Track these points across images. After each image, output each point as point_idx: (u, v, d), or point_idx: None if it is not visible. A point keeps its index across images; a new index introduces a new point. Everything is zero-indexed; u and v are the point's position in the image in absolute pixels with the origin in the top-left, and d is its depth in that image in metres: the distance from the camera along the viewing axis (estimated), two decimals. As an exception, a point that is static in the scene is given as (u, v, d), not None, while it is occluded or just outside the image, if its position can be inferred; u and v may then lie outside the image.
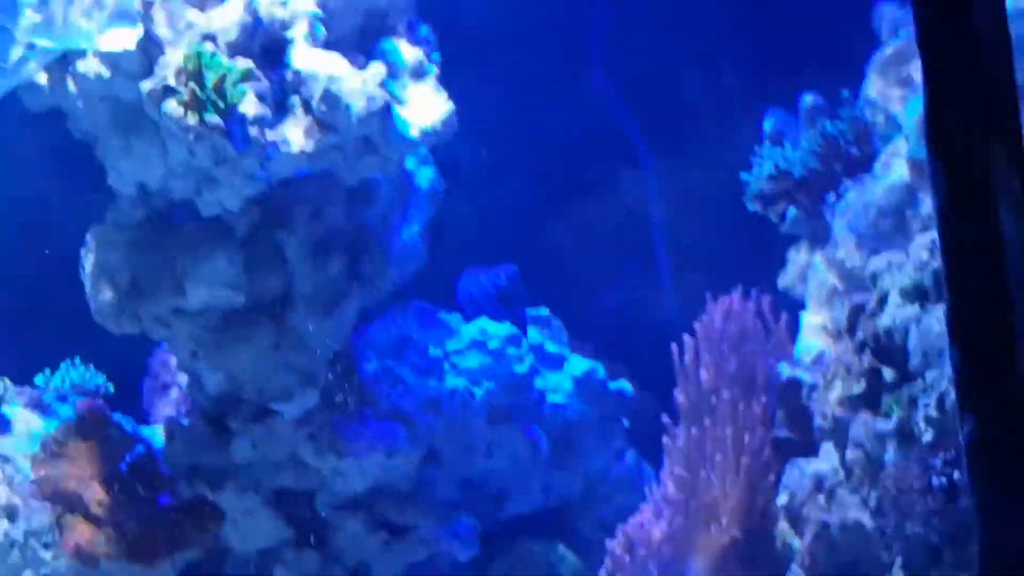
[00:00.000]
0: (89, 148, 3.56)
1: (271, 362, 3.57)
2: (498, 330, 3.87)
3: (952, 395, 2.88)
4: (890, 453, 3.04)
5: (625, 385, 3.95)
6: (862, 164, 3.39)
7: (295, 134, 3.27)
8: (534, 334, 3.91)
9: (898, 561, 2.98)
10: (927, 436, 2.97)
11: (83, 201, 3.81)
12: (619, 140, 4.20)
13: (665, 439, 3.61)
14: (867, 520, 3.07)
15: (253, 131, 3.26)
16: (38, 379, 4.06)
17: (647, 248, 4.14)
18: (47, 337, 4.08)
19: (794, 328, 3.48)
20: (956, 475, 2.87)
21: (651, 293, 4.03)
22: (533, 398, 3.84)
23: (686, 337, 3.51)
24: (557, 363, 3.91)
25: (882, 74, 3.37)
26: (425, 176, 3.74)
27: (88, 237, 3.59)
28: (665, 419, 3.61)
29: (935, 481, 2.88)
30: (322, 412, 3.65)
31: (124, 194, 3.52)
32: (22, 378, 4.06)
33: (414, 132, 3.43)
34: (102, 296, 3.53)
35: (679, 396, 3.51)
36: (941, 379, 2.99)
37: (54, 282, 3.80)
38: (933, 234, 3.12)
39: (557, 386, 3.88)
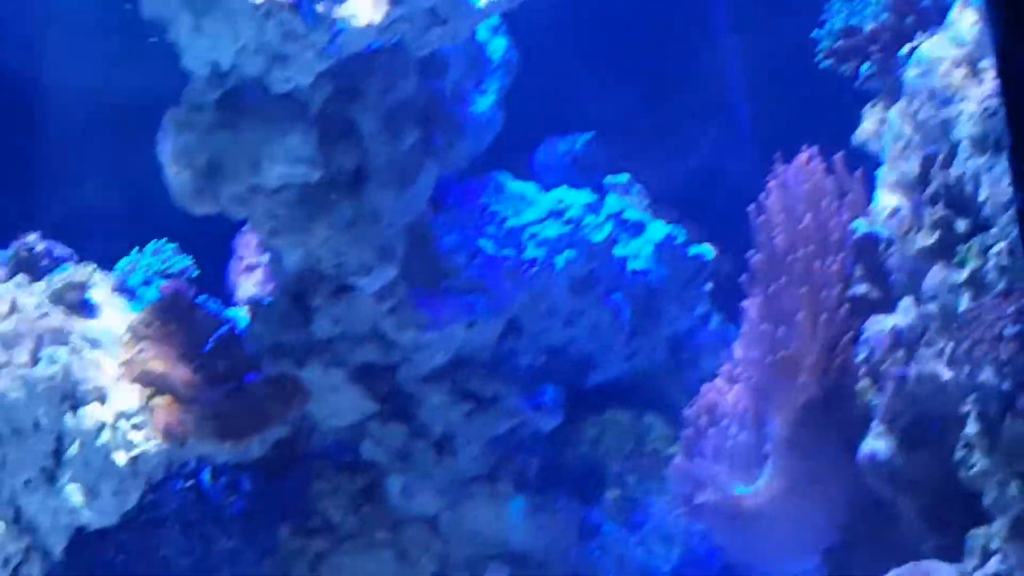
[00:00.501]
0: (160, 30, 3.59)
1: (348, 237, 3.70)
2: (576, 198, 3.97)
3: None
4: (964, 303, 3.03)
5: (706, 249, 4.04)
6: (935, 16, 3.34)
7: (363, 7, 3.39)
8: (613, 201, 4.00)
9: (974, 411, 2.95)
10: (999, 285, 2.95)
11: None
12: (695, 3, 4.22)
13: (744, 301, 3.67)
14: (944, 372, 3.10)
15: (321, 6, 3.39)
16: (122, 263, 4.21)
17: (724, 111, 4.20)
18: (132, 224, 4.25)
19: (870, 185, 3.46)
20: None
21: (729, 156, 4.10)
22: (613, 265, 3.95)
23: (760, 197, 3.57)
24: (637, 229, 4.00)
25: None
26: (498, 46, 3.85)
27: (164, 120, 3.68)
28: (745, 280, 3.62)
29: (1007, 329, 2.84)
30: (401, 286, 3.78)
31: (198, 75, 3.62)
32: (108, 265, 4.17)
33: (483, 1, 3.54)
34: (181, 178, 3.67)
35: (755, 257, 3.57)
36: (1012, 227, 2.96)
37: (137, 169, 3.86)
38: (1001, 83, 3.23)
39: (637, 252, 3.98)
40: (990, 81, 3.11)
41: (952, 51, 3.25)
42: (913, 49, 3.37)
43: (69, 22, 4.25)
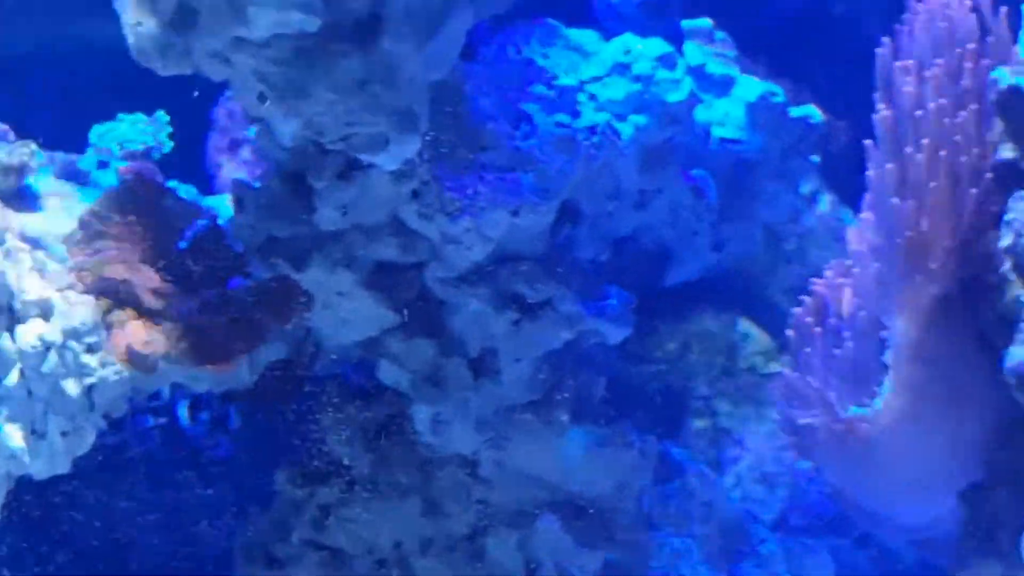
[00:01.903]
0: None
1: (358, 101, 3.73)
2: (647, 49, 4.07)
3: None
4: None
5: (812, 111, 4.18)
6: None
7: None
8: (693, 52, 4.16)
9: None
10: None
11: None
12: None
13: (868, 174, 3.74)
14: None
15: None
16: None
17: None
18: (89, 96, 4.35)
19: (1017, 25, 3.56)
20: None
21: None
22: (695, 133, 4.09)
23: (885, 42, 3.70)
24: (724, 87, 4.16)
25: None
26: None
27: None
28: (867, 145, 3.71)
29: None
30: (427, 163, 3.89)
31: None
32: (53, 144, 4.32)
33: None
34: (143, 29, 3.74)
35: (877, 116, 3.69)
36: None
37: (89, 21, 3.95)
38: None
39: (725, 116, 4.14)
40: None
41: None
42: None
43: None
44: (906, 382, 3.77)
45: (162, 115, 4.42)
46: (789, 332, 3.98)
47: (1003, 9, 3.71)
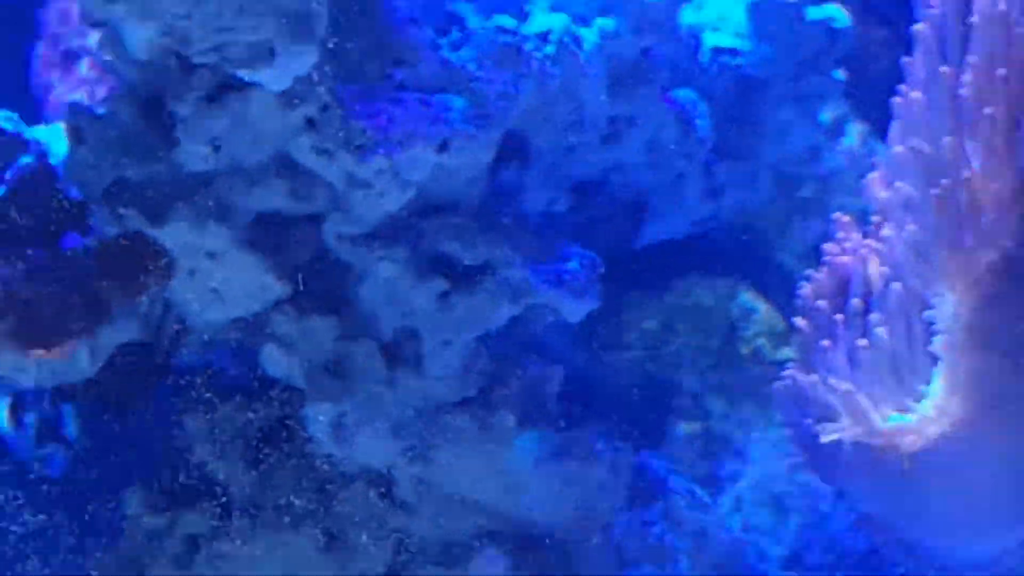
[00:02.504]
0: None
1: (255, 13, 3.60)
2: None
3: None
4: None
5: (837, 13, 3.98)
6: None
7: None
8: None
9: None
10: None
11: None
12: None
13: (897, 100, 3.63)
14: None
15: None
16: None
17: None
18: None
19: None
20: None
21: None
22: (681, 42, 3.91)
23: None
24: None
25: None
26: None
27: None
28: (905, 62, 3.59)
29: None
30: (327, 81, 3.70)
31: None
32: None
33: None
34: None
35: (916, 28, 3.56)
36: None
37: None
38: None
39: (720, 20, 3.95)
40: None
41: None
42: None
43: None
44: (962, 378, 3.59)
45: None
46: (798, 320, 3.81)
47: None
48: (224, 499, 4.06)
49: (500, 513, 3.97)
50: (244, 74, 3.66)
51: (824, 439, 3.69)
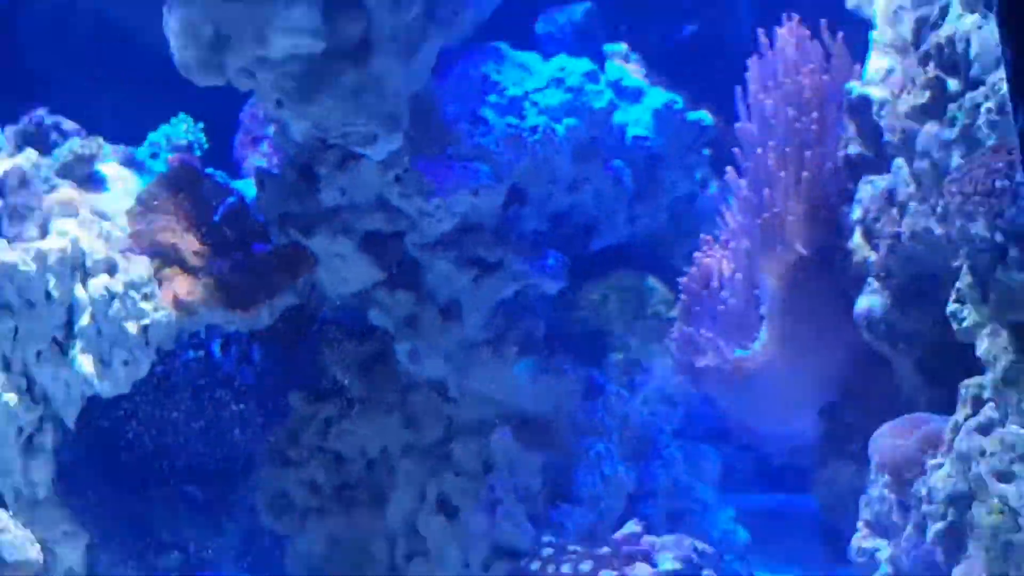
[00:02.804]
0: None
1: (353, 107, 3.75)
2: (576, 67, 4.03)
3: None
4: (955, 160, 3.07)
5: (704, 116, 4.12)
6: None
7: None
8: (612, 69, 4.09)
9: (966, 265, 3.00)
10: (989, 140, 3.00)
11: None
12: None
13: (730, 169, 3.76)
14: (936, 227, 3.18)
15: None
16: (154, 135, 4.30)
17: None
18: (140, 96, 4.25)
19: (864, 48, 3.51)
20: (1019, 176, 2.83)
21: (727, 23, 4.14)
22: (614, 132, 4.03)
23: (750, 62, 3.69)
24: (636, 96, 4.09)
25: None
26: None
27: None
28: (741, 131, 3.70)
29: (998, 183, 2.87)
30: (406, 154, 3.85)
31: None
32: (117, 138, 4.26)
33: None
34: (187, 50, 3.73)
35: (738, 126, 3.71)
36: (1001, 84, 2.95)
37: (146, 40, 3.90)
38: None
39: (637, 119, 4.06)
40: None
41: None
42: None
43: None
44: (777, 329, 3.78)
45: (197, 123, 4.38)
46: (682, 297, 3.96)
47: (839, 34, 3.68)
48: (347, 397, 4.18)
49: (508, 406, 4.09)
50: (359, 150, 3.84)
51: (697, 365, 3.89)
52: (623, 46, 4.21)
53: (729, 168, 3.79)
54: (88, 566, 4.14)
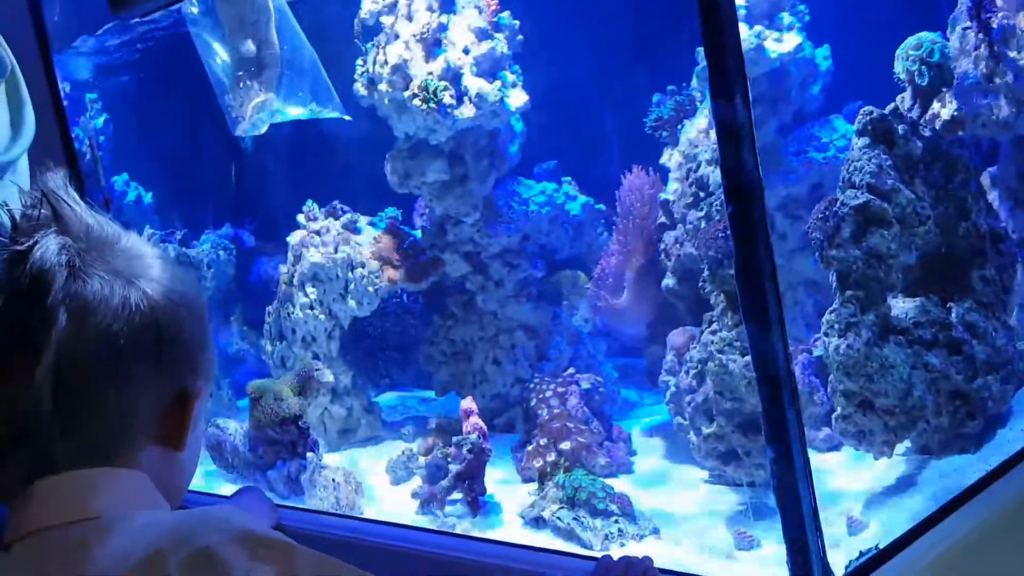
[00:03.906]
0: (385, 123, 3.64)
1: (460, 201, 3.67)
2: (550, 187, 3.95)
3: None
4: (702, 225, 3.06)
5: (602, 207, 3.97)
6: (692, 111, 3.38)
7: (466, 109, 3.45)
8: (565, 188, 4.00)
9: (706, 266, 2.98)
10: (716, 217, 2.92)
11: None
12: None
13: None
14: (694, 252, 3.20)
15: (448, 109, 3.44)
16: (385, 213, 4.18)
17: (610, 153, 4.05)
18: (374, 196, 4.03)
19: (665, 179, 3.48)
20: (727, 233, 2.65)
21: (613, 169, 3.81)
22: (564, 212, 3.92)
23: (624, 183, 3.62)
24: (574, 198, 3.98)
25: (698, 76, 3.16)
26: (518, 127, 3.77)
27: (388, 155, 3.71)
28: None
29: (719, 235, 2.87)
30: (480, 220, 3.76)
31: (400, 138, 3.69)
32: (365, 211, 4.15)
33: (513, 105, 3.53)
34: (393, 178, 3.72)
35: (618, 213, 3.64)
36: (719, 194, 2.93)
37: (373, 172, 3.78)
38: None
39: (574, 207, 3.96)
40: (713, 137, 2.92)
41: (698, 125, 3.29)
42: (681, 126, 3.41)
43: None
44: (632, 292, 3.68)
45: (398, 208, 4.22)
46: (593, 277, 3.81)
47: (657, 176, 3.53)
48: (456, 317, 3.92)
49: (520, 321, 3.82)
50: (462, 219, 3.72)
51: (599, 305, 3.75)
52: (569, 178, 4.07)
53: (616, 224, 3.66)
54: (352, 383, 4.06)
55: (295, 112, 3.28)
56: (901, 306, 2.49)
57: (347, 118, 3.49)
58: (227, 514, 0.94)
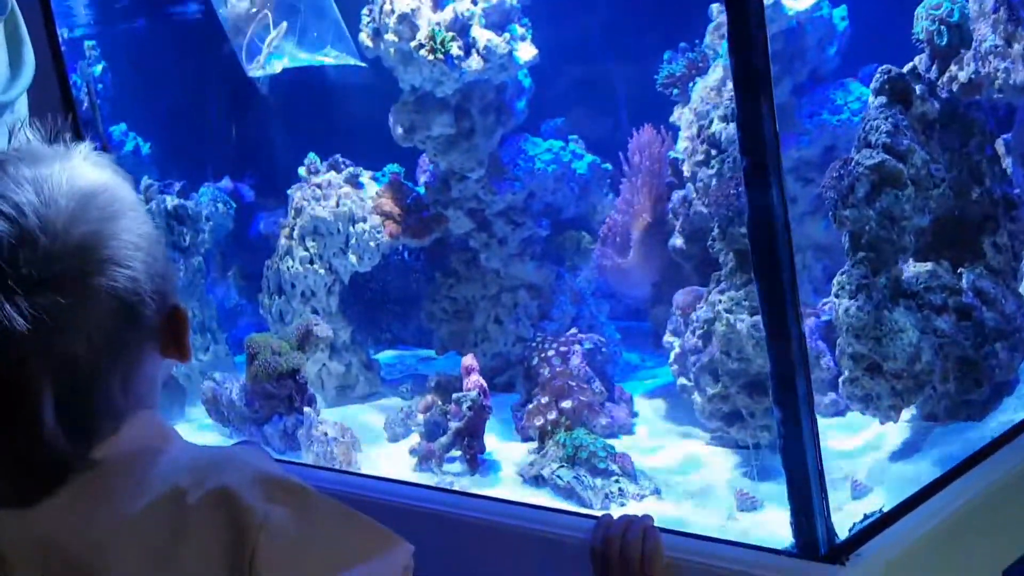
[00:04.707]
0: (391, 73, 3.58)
1: (465, 157, 3.61)
2: (556, 144, 3.87)
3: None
4: (713, 183, 3.01)
5: (608, 166, 3.88)
6: (705, 68, 3.27)
7: (474, 61, 3.40)
8: (572, 146, 3.91)
9: (716, 225, 2.95)
10: (728, 175, 2.93)
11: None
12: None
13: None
14: (704, 210, 3.12)
15: (456, 60, 3.39)
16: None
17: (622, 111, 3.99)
18: (377, 149, 3.97)
19: (675, 137, 3.42)
20: (741, 191, 2.78)
21: (623, 129, 3.75)
22: (570, 171, 3.85)
23: (631, 141, 3.59)
24: (580, 157, 3.89)
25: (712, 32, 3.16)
26: (526, 82, 3.70)
27: (392, 108, 3.64)
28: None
29: (732, 192, 2.84)
30: (485, 176, 3.70)
31: (405, 90, 3.61)
32: (369, 166, 4.08)
33: (523, 58, 3.47)
34: (397, 131, 3.65)
35: (626, 168, 3.60)
36: (733, 151, 2.87)
37: (380, 125, 3.67)
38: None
39: (580, 165, 3.88)
40: (727, 94, 3.05)
41: (710, 82, 3.20)
42: (693, 83, 3.32)
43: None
44: (638, 251, 3.63)
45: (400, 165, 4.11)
46: (599, 237, 3.76)
47: (669, 135, 3.50)
48: (458, 275, 3.88)
49: (524, 280, 3.79)
50: (467, 175, 3.66)
51: (603, 264, 3.71)
52: (576, 136, 3.97)
53: (622, 183, 3.64)
54: (351, 339, 4.03)
55: (310, 55, 3.19)
56: (912, 270, 2.50)
57: (363, 64, 3.43)
58: (245, 455, 0.95)
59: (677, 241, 3.41)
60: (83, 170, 0.90)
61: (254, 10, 3.12)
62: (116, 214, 0.89)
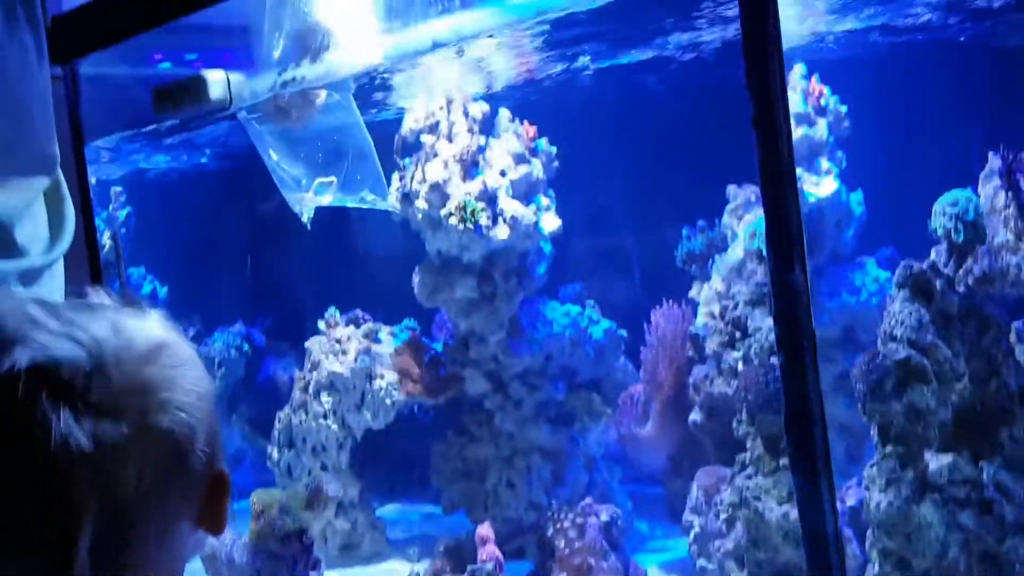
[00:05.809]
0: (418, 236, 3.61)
1: (487, 318, 3.64)
2: (574, 309, 3.88)
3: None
4: (740, 367, 3.11)
5: (624, 333, 3.88)
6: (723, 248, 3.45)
7: (501, 231, 3.48)
8: (588, 311, 3.91)
9: (743, 408, 2.97)
10: (754, 361, 3.01)
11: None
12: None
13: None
14: (728, 391, 3.20)
15: (484, 229, 3.46)
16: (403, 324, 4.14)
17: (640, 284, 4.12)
18: (402, 308, 4.00)
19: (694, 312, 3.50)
20: (772, 377, 2.77)
21: (642, 302, 3.84)
22: (587, 334, 3.83)
23: (653, 316, 3.66)
24: (597, 322, 3.88)
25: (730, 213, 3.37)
26: (547, 248, 3.74)
27: (416, 269, 3.68)
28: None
29: (763, 379, 2.88)
30: (505, 339, 3.68)
31: (431, 252, 3.65)
32: (387, 322, 4.10)
33: (547, 229, 3.58)
34: (422, 292, 3.68)
35: (648, 344, 3.67)
36: (760, 337, 2.99)
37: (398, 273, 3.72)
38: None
39: (597, 331, 3.85)
40: (746, 274, 3.11)
41: (731, 261, 3.30)
42: (713, 261, 3.44)
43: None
44: (656, 423, 3.65)
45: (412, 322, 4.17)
46: (619, 402, 3.72)
47: (689, 310, 3.54)
48: (470, 436, 3.78)
49: (546, 450, 3.68)
50: (487, 337, 3.61)
51: (622, 433, 3.67)
52: (592, 301, 3.97)
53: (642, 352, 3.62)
54: (359, 495, 3.93)
55: (350, 196, 3.22)
56: (936, 463, 2.51)
57: (397, 208, 3.43)
58: None
59: (697, 416, 3.40)
60: (155, 324, 0.95)
61: (303, 153, 3.18)
62: (183, 364, 0.93)
